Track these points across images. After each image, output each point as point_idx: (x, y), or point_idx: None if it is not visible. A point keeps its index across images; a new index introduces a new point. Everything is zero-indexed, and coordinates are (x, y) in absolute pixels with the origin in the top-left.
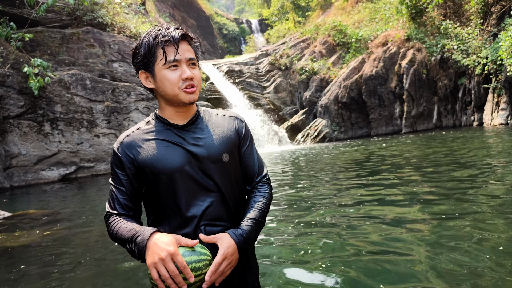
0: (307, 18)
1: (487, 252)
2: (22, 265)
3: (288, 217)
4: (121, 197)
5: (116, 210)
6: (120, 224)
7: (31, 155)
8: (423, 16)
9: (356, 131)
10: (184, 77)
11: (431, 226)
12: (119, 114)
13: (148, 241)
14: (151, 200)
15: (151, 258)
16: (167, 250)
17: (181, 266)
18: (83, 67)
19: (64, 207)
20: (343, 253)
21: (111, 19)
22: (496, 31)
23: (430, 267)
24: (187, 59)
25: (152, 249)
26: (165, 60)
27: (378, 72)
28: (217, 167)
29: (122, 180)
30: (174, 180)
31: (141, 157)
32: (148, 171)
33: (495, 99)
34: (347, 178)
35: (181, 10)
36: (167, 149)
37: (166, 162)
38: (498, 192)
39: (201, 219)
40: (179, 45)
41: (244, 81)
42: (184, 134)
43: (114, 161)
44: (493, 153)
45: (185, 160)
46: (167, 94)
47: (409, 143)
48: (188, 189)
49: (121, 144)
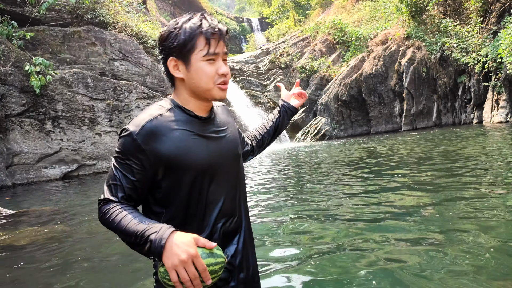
0: (307, 17)
1: (487, 251)
2: (23, 262)
3: (286, 217)
4: (126, 186)
5: (117, 197)
6: (124, 213)
7: (33, 153)
8: (423, 14)
9: (356, 129)
10: (221, 72)
11: (429, 224)
12: (121, 112)
13: (167, 241)
14: (171, 195)
15: (171, 260)
16: (189, 252)
17: (201, 269)
18: (84, 65)
19: (66, 205)
20: (340, 252)
21: (112, 18)
22: (496, 29)
23: (427, 268)
24: (223, 54)
25: (173, 250)
26: (207, 52)
27: (378, 70)
28: (236, 159)
29: (133, 168)
30: (199, 175)
31: (166, 149)
32: (173, 164)
33: (494, 97)
34: (349, 177)
35: (182, 8)
36: (195, 141)
37: (193, 156)
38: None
39: (218, 216)
40: (221, 39)
41: (244, 79)
42: (208, 127)
43: (128, 147)
44: (493, 150)
45: (212, 154)
46: (199, 87)
47: (409, 141)
48: (213, 184)
49: (142, 128)
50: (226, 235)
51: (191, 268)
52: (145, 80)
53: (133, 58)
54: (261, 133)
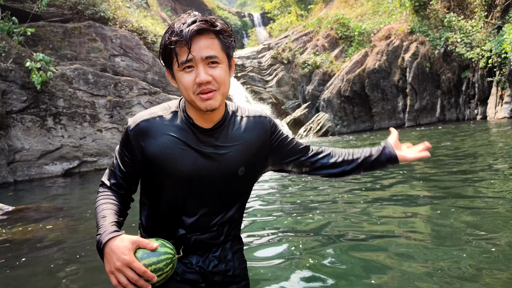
0: (309, 12)
1: (484, 249)
2: (24, 258)
3: (288, 216)
4: (118, 175)
5: (110, 183)
6: (102, 201)
7: (34, 150)
8: (426, 9)
9: (359, 125)
10: (198, 81)
11: (427, 223)
12: (122, 108)
13: (105, 247)
14: (151, 195)
15: (107, 267)
16: (123, 259)
17: (140, 272)
18: (85, 61)
19: (67, 201)
20: (337, 251)
21: (113, 13)
22: (501, 24)
23: (426, 265)
24: (204, 58)
25: (109, 256)
26: (178, 62)
27: (381, 66)
28: (229, 181)
29: (125, 160)
30: (179, 185)
31: (152, 152)
32: (155, 168)
33: (499, 92)
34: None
35: (183, 3)
36: (182, 152)
37: (176, 165)
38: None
39: (192, 228)
40: (194, 42)
41: (246, 75)
42: (205, 138)
43: (124, 140)
44: (497, 147)
45: (197, 168)
46: (185, 98)
47: (413, 137)
48: (192, 195)
49: (136, 126)
50: (198, 244)
51: (128, 273)
52: (146, 76)
53: (134, 54)
54: (337, 155)
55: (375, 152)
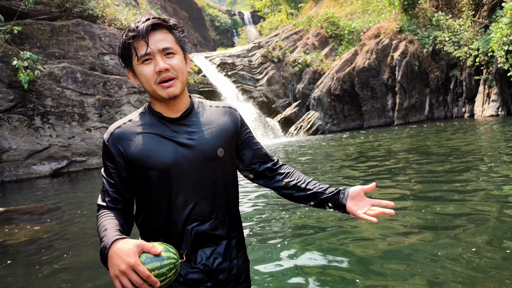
0: (299, 10)
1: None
2: (10, 260)
3: (281, 213)
4: (110, 190)
5: (105, 202)
6: (101, 220)
7: (22, 150)
8: (415, 7)
9: (348, 123)
10: (157, 69)
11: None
12: (111, 107)
13: (109, 251)
14: (141, 196)
15: (112, 270)
16: (128, 261)
17: (144, 276)
18: (73, 60)
19: (56, 201)
20: (334, 252)
21: (102, 11)
22: (488, 23)
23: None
24: (161, 50)
25: (113, 260)
26: (137, 55)
27: (371, 64)
28: (212, 163)
29: (112, 172)
30: (165, 176)
31: (131, 152)
32: (138, 166)
33: (486, 90)
34: (345, 169)
35: (172, 1)
36: (159, 144)
37: (157, 157)
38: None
39: (189, 218)
40: (150, 36)
41: (236, 73)
42: (177, 128)
43: (104, 153)
44: (484, 145)
45: (178, 156)
46: (147, 90)
47: (402, 135)
48: (180, 186)
49: (111, 135)
50: (200, 237)
51: (132, 277)
52: None
53: None
54: (293, 179)
55: (329, 192)
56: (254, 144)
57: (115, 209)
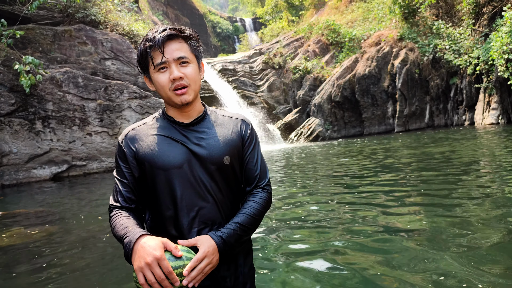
0: (300, 17)
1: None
2: (11, 264)
3: (283, 218)
4: (123, 190)
5: (119, 202)
6: (118, 219)
7: (22, 154)
8: (415, 16)
9: (349, 130)
10: (171, 78)
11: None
12: (112, 112)
13: (135, 244)
14: (149, 195)
15: (137, 262)
16: (154, 254)
17: (167, 272)
18: (75, 64)
19: (56, 206)
20: (334, 254)
21: (104, 17)
22: (488, 32)
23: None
24: (176, 59)
25: (139, 253)
26: (153, 64)
27: (371, 72)
28: (217, 169)
29: (125, 172)
30: (172, 177)
31: (142, 151)
32: (147, 165)
33: (486, 98)
34: (342, 178)
35: (174, 8)
36: (169, 146)
37: (166, 158)
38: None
39: (194, 221)
40: (166, 46)
41: (237, 79)
42: (188, 132)
43: (118, 154)
44: (485, 151)
45: (186, 159)
46: (163, 97)
47: (401, 143)
48: (186, 188)
49: (125, 137)
50: None
51: (156, 270)
52: (136, 80)
53: (124, 57)
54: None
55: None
56: (250, 163)
57: (129, 209)
